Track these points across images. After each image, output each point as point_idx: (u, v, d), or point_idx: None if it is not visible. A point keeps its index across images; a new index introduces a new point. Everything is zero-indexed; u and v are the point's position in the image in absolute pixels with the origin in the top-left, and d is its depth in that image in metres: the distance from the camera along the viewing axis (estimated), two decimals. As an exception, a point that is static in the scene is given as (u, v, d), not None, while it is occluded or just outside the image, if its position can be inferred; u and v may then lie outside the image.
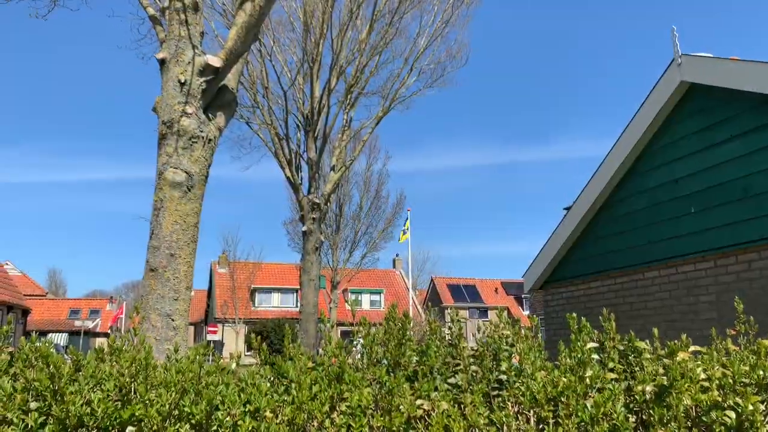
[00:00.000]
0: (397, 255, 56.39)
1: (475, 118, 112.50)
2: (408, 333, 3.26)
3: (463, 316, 3.63)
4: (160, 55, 5.60)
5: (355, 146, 21.57)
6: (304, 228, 17.84)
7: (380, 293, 51.00)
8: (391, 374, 3.00)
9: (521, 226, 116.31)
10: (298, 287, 28.30)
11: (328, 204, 20.26)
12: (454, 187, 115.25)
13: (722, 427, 2.61)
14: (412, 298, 44.48)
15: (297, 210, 28.57)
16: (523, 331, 3.25)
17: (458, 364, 3.15)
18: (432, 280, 58.67)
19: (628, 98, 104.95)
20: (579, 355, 2.94)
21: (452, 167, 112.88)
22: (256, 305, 47.75)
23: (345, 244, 38.80)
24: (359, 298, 48.47)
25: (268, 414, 2.65)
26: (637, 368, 3.08)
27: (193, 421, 2.54)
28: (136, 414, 2.51)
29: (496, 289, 58.93)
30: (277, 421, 2.67)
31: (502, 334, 3.35)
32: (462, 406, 2.81)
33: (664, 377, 2.83)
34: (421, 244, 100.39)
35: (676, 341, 3.06)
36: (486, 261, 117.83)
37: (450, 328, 3.48)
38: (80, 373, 2.73)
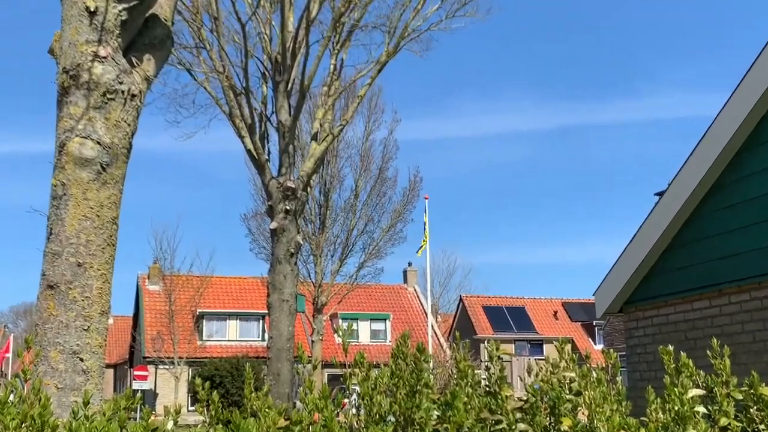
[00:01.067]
0: (409, 264, 56.60)
1: (526, 65, 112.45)
2: (425, 376, 3.26)
3: (506, 351, 3.63)
4: (60, -28, 5.60)
5: (347, 104, 21.66)
6: (274, 224, 17.86)
7: (385, 319, 51.12)
8: (401, 436, 3.01)
9: (592, 221, 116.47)
10: (266, 311, 28.24)
11: (309, 189, 20.31)
12: (493, 165, 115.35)
13: None
14: (432, 325, 44.58)
15: (263, 198, 28.61)
16: (594, 373, 3.25)
17: (499, 421, 3.16)
18: (461, 300, 58.80)
19: (748, 33, 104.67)
20: (677, 408, 2.94)
21: (491, 135, 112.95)
22: (203, 338, 47.89)
23: (333, 249, 38.95)
24: (355, 327, 48.58)
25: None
26: (761, 426, 3.09)
27: (111, 506, 2.55)
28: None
29: (556, 312, 59.04)
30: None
31: (564, 376, 3.35)
32: (505, 482, 2.82)
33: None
34: (444, 247, 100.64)
35: (819, 387, 3.06)
36: (540, 273, 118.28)
37: (488, 369, 3.48)
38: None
